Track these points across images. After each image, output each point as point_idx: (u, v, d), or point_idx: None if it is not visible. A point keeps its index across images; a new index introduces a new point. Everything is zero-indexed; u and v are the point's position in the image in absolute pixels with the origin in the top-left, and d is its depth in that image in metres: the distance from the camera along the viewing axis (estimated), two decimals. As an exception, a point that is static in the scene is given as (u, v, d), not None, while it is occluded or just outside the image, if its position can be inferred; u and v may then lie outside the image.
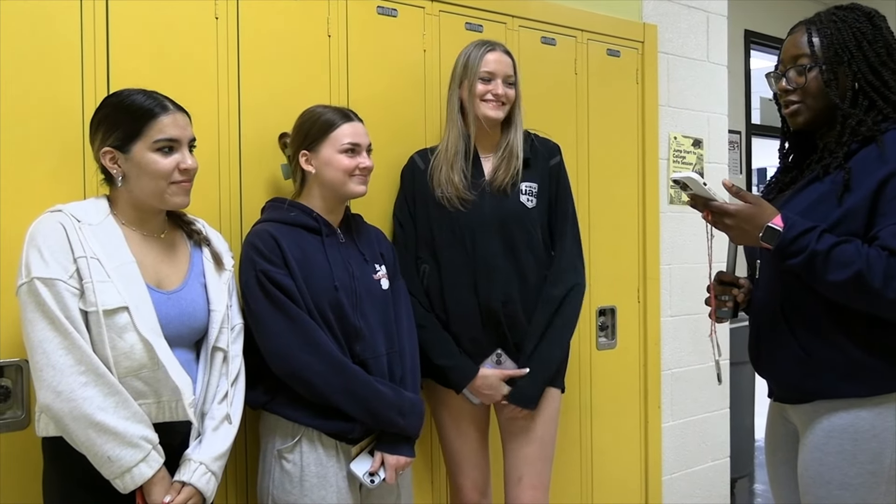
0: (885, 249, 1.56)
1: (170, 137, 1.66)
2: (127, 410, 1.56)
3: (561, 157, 2.40)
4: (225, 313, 1.78)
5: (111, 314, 1.57)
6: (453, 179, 2.24)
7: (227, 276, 1.83)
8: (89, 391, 1.53)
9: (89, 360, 1.54)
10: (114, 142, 1.64)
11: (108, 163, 1.65)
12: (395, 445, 2.01)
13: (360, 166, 2.03)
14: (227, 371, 1.78)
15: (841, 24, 1.70)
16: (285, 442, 1.95)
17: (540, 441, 2.30)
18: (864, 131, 1.65)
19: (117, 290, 1.58)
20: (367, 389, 1.93)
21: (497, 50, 2.29)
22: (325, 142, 2.02)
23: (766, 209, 1.64)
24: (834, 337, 1.66)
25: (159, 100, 1.68)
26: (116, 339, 1.58)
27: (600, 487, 3.06)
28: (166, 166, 1.65)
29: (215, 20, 2.14)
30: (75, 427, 1.53)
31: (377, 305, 2.06)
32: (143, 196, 1.68)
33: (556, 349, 2.29)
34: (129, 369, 1.59)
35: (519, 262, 2.26)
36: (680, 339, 3.31)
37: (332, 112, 2.06)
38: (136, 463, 1.56)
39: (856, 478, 1.64)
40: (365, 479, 1.97)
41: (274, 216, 2.02)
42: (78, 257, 1.57)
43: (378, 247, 2.15)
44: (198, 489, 1.65)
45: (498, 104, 2.26)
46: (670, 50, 3.32)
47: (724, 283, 1.89)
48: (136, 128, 1.63)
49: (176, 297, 1.70)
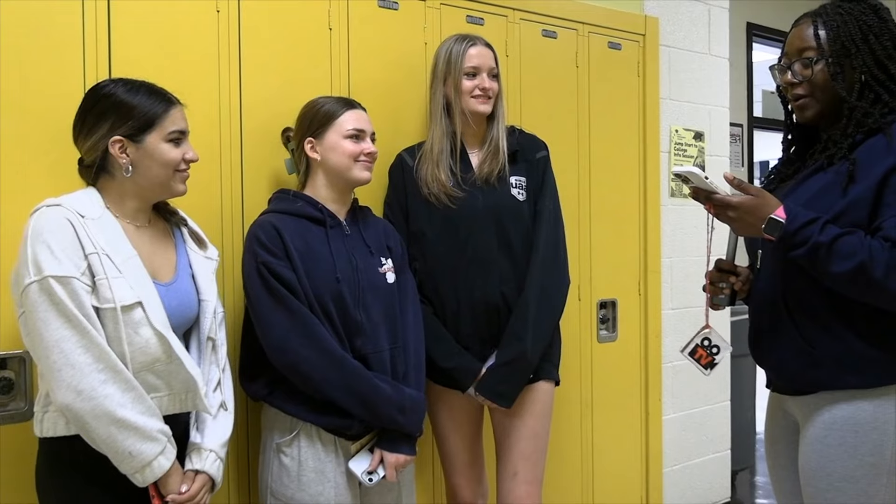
0: (888, 241, 1.55)
1: (181, 129, 1.70)
2: (143, 405, 1.57)
3: (547, 152, 2.38)
4: (215, 303, 1.79)
5: (128, 310, 1.57)
6: (440, 177, 2.23)
7: (213, 266, 1.84)
8: (109, 388, 1.53)
9: (108, 357, 1.54)
10: (126, 131, 1.64)
11: (118, 151, 1.64)
12: (394, 443, 1.99)
13: (364, 151, 2.04)
14: (217, 359, 1.80)
15: (847, 16, 1.69)
16: (284, 436, 1.95)
17: (534, 436, 2.30)
18: (870, 123, 1.65)
19: (129, 285, 1.59)
20: (366, 385, 1.92)
21: (478, 44, 2.28)
22: (330, 128, 2.03)
23: (768, 200, 1.64)
24: (836, 328, 1.65)
25: (166, 93, 1.71)
26: (133, 335, 1.58)
27: (601, 480, 3.07)
28: (177, 156, 1.69)
29: (217, 13, 2.14)
30: (97, 425, 1.53)
31: (381, 299, 2.04)
32: (149, 185, 1.69)
33: (531, 348, 2.22)
34: (144, 364, 1.60)
35: (514, 255, 2.26)
36: (681, 331, 3.31)
37: (336, 100, 2.09)
38: (156, 456, 1.57)
39: (857, 470, 1.64)
40: (363, 478, 1.96)
41: (279, 207, 2.02)
42: (89, 254, 1.56)
43: (385, 240, 2.14)
44: (210, 475, 1.69)
45: (485, 98, 2.26)
46: (672, 43, 3.32)
47: (722, 270, 1.89)
48: (152, 118, 1.65)
49: (174, 287, 1.71)
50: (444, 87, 2.29)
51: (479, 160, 2.29)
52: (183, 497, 1.63)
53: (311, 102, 2.09)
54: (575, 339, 2.94)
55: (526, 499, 2.27)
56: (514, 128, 2.39)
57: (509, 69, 2.73)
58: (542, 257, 2.27)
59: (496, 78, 2.29)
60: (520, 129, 2.41)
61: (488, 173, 2.26)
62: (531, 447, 2.29)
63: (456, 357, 2.23)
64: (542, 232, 2.28)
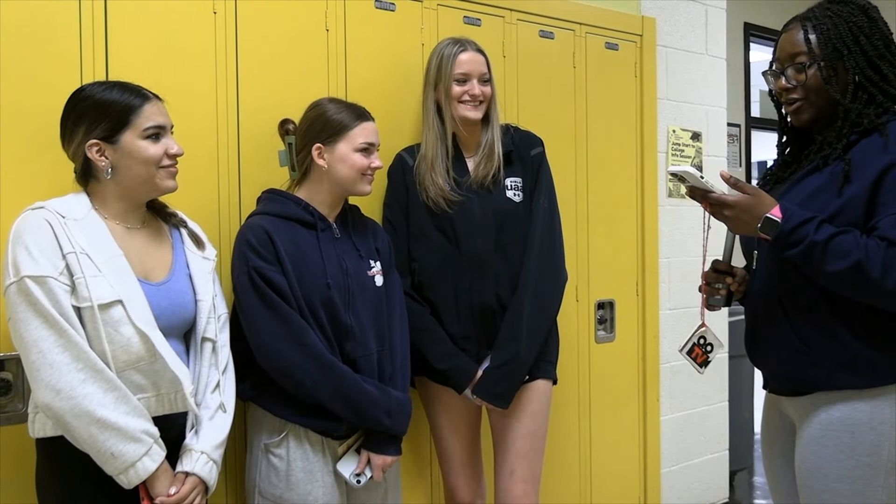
0: (883, 240, 1.55)
1: (157, 124, 1.67)
2: (127, 405, 1.56)
3: (542, 148, 2.38)
4: (211, 303, 1.78)
5: (106, 308, 1.57)
6: (437, 181, 2.23)
7: (210, 266, 1.83)
8: (89, 387, 1.52)
9: (87, 356, 1.53)
10: (101, 133, 1.63)
11: (95, 155, 1.64)
12: (381, 445, 2.01)
13: (372, 166, 2.03)
14: (217, 361, 1.78)
15: (837, 18, 1.69)
16: (272, 437, 1.96)
17: (532, 435, 2.30)
18: (865, 123, 1.65)
19: (109, 283, 1.58)
20: (354, 390, 1.93)
21: (469, 49, 2.27)
22: (342, 139, 2.01)
23: (764, 200, 1.64)
24: (832, 328, 1.65)
25: (139, 89, 1.69)
26: (113, 333, 1.57)
27: (599, 480, 3.07)
28: (157, 152, 1.67)
29: (213, 15, 2.14)
30: (77, 425, 1.52)
31: (369, 303, 2.05)
32: (133, 185, 1.68)
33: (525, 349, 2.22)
34: (128, 363, 1.59)
35: (510, 257, 2.26)
36: (679, 332, 3.31)
37: (350, 109, 2.04)
38: (140, 457, 1.56)
39: (853, 470, 1.64)
40: (351, 480, 1.98)
41: (269, 209, 2.01)
42: (67, 253, 1.56)
43: (374, 241, 2.14)
44: (201, 478, 1.66)
45: (475, 104, 2.26)
46: (669, 43, 3.32)
47: (718, 271, 1.89)
48: (124, 117, 1.64)
49: (165, 287, 1.70)
50: (436, 93, 2.29)
51: (475, 164, 2.29)
52: (171, 500, 1.61)
53: (321, 106, 2.05)
54: (573, 340, 2.94)
55: (523, 497, 2.28)
56: (509, 126, 2.39)
57: (506, 70, 2.73)
58: (537, 255, 2.26)
59: (488, 83, 2.28)
60: (514, 126, 2.41)
61: (483, 177, 2.26)
62: (528, 446, 2.30)
63: (452, 358, 2.23)
64: (537, 230, 2.28)
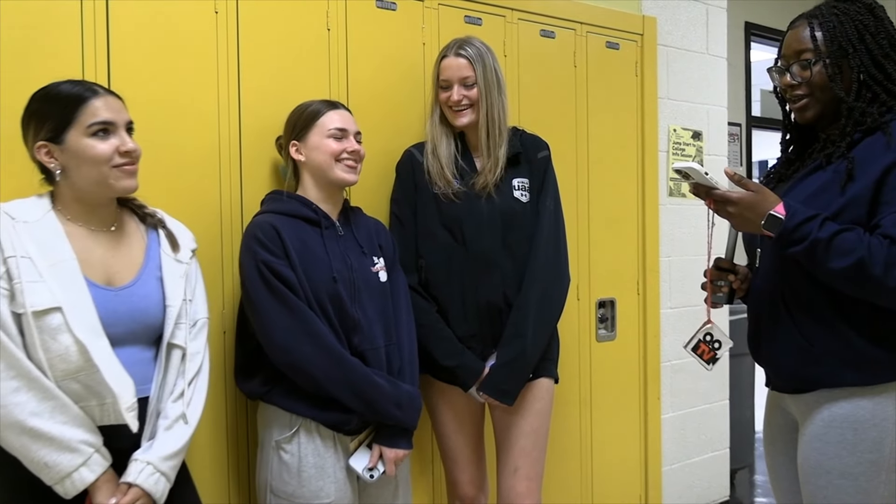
0: (886, 237, 1.56)
1: (104, 120, 1.58)
2: (64, 415, 1.50)
3: (549, 152, 2.39)
4: (181, 308, 1.69)
5: (42, 315, 1.50)
6: (446, 175, 2.25)
7: (182, 269, 1.73)
8: (21, 396, 1.47)
9: (20, 364, 1.47)
10: (46, 134, 1.57)
11: (45, 157, 1.58)
12: (392, 438, 2.01)
13: (347, 150, 2.04)
14: (185, 369, 1.69)
15: (843, 16, 1.69)
16: (283, 433, 1.95)
17: (535, 433, 2.31)
18: (869, 122, 1.65)
19: (49, 289, 1.51)
20: (365, 382, 1.94)
21: (450, 55, 2.26)
22: (312, 129, 2.04)
23: (768, 197, 1.64)
24: (835, 326, 1.66)
25: (87, 85, 1.62)
26: (49, 342, 1.50)
27: (600, 479, 3.07)
28: (105, 150, 1.58)
29: (215, 14, 2.14)
30: (8, 434, 1.47)
31: (375, 298, 2.06)
32: (86, 186, 1.60)
33: (531, 346, 2.24)
34: (66, 372, 1.52)
35: (516, 256, 2.27)
36: (679, 330, 3.31)
37: (319, 102, 2.10)
38: (76, 468, 1.50)
39: (856, 467, 1.64)
40: (364, 475, 1.98)
41: (274, 207, 2.03)
42: (7, 257, 1.50)
43: (377, 238, 2.15)
44: (145, 490, 1.57)
45: (459, 110, 2.25)
46: (670, 42, 3.32)
47: (721, 269, 1.89)
48: (67, 115, 1.56)
49: (126, 293, 1.62)
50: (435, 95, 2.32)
51: (482, 164, 2.30)
52: None
53: (296, 107, 2.10)
54: (574, 339, 2.94)
55: (526, 494, 2.29)
56: (518, 129, 2.39)
57: (507, 69, 2.73)
58: (543, 256, 2.27)
59: (473, 86, 2.24)
60: (522, 129, 2.41)
61: (490, 176, 2.26)
62: (531, 444, 2.30)
63: (459, 356, 2.24)
64: (543, 231, 2.29)
